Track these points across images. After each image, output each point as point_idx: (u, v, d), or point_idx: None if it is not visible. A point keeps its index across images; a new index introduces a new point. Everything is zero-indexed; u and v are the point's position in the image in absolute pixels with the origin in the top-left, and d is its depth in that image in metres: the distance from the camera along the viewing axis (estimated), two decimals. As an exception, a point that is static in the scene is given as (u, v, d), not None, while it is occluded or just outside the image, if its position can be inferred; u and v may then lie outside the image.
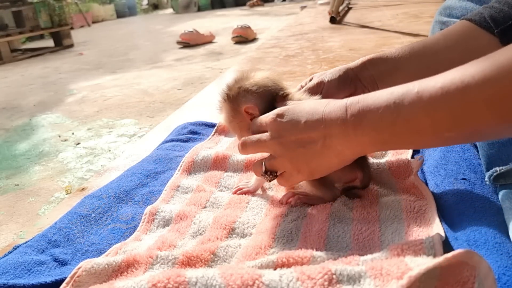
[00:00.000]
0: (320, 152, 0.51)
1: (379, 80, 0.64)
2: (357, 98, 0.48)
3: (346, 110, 0.48)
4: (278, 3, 7.89)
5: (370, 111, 0.46)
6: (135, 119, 2.00)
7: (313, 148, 0.51)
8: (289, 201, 0.63)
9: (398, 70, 0.63)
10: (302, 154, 0.53)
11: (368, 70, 0.64)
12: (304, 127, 0.51)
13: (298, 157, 0.53)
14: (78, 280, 0.47)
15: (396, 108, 0.43)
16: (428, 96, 0.41)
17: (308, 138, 0.51)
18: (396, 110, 0.43)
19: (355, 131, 0.47)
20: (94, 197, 0.71)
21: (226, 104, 0.63)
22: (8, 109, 2.50)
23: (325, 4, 4.35)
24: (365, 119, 0.46)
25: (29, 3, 4.69)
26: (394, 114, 0.44)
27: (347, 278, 0.39)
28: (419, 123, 0.43)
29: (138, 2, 10.10)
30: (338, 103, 0.50)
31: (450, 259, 0.36)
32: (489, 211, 0.55)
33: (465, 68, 0.40)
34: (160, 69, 3.09)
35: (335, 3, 3.00)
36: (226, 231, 0.58)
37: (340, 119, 0.48)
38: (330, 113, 0.49)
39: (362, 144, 0.48)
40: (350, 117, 0.47)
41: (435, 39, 0.62)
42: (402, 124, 0.44)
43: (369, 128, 0.46)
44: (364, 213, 0.57)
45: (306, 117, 0.51)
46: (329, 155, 0.51)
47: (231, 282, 0.39)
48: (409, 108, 0.42)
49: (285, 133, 0.53)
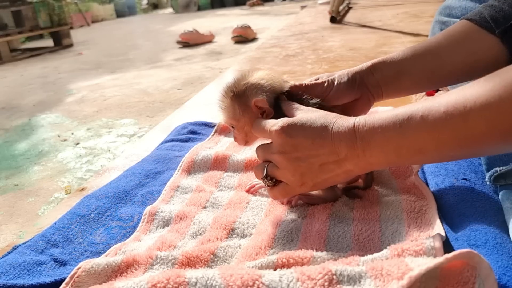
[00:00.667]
0: (327, 169, 0.52)
1: (383, 84, 0.64)
2: (363, 119, 0.49)
3: (355, 132, 0.49)
4: (278, 3, 7.89)
5: (377, 133, 0.47)
6: (134, 119, 2.00)
7: (318, 162, 0.51)
8: (289, 201, 0.63)
9: (402, 74, 0.63)
10: (308, 170, 0.52)
11: (373, 75, 0.64)
12: (312, 146, 0.51)
13: (303, 172, 0.53)
14: (78, 281, 0.47)
15: (402, 132, 0.45)
16: (432, 121, 0.43)
17: (316, 156, 0.51)
18: (402, 133, 0.45)
19: (364, 153, 0.49)
20: (93, 197, 0.71)
21: (233, 101, 0.60)
22: (8, 109, 2.50)
23: (325, 3, 4.35)
24: (372, 142, 0.48)
25: (28, 3, 4.69)
26: (399, 137, 0.46)
27: (348, 279, 0.39)
28: (424, 145, 0.45)
29: (138, 2, 10.10)
30: (345, 124, 0.50)
31: (450, 259, 0.36)
32: (490, 211, 0.55)
33: (468, 90, 0.42)
34: (159, 69, 3.09)
35: (335, 2, 3.00)
36: (226, 231, 0.58)
37: (349, 141, 0.49)
38: (339, 133, 0.49)
39: (370, 163, 0.50)
40: (359, 139, 0.48)
41: (437, 42, 0.62)
42: (407, 146, 0.46)
43: (376, 150, 0.48)
44: (364, 213, 0.57)
45: (314, 136, 0.51)
46: (336, 171, 0.52)
47: (231, 283, 0.39)
48: (414, 131, 0.45)
49: (291, 150, 0.52)
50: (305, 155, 0.51)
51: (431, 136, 0.44)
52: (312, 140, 0.51)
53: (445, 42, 0.61)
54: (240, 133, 0.62)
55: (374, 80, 0.64)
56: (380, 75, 0.64)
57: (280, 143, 0.53)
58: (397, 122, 0.46)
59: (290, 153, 0.52)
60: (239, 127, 0.62)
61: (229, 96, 0.60)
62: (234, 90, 0.60)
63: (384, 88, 0.64)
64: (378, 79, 0.64)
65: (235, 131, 0.63)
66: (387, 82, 0.64)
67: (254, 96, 0.58)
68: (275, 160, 0.55)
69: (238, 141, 0.64)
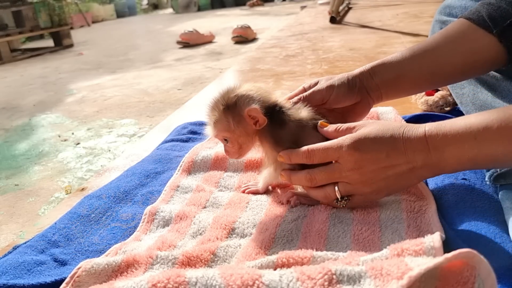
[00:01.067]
0: (402, 177, 0.52)
1: (383, 87, 0.64)
2: (434, 128, 0.49)
3: (427, 143, 0.49)
4: (278, 3, 7.89)
5: (451, 144, 0.48)
6: (135, 119, 2.00)
7: (395, 174, 0.52)
8: (289, 201, 0.63)
9: (402, 77, 0.63)
10: (384, 180, 0.53)
11: (372, 79, 0.64)
12: (386, 159, 0.51)
13: (379, 182, 0.53)
14: (78, 280, 0.47)
15: (477, 145, 0.46)
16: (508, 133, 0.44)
17: (391, 167, 0.51)
18: (477, 146, 0.46)
19: (438, 162, 0.49)
20: (94, 197, 0.71)
21: (225, 113, 0.59)
22: (8, 109, 2.50)
23: (325, 4, 4.35)
24: (447, 152, 0.48)
25: (29, 3, 4.69)
26: (475, 150, 0.46)
27: (347, 278, 0.39)
28: (501, 156, 0.46)
29: (138, 2, 10.10)
30: (415, 133, 0.50)
31: (450, 259, 0.36)
32: (490, 211, 0.55)
33: None
34: (160, 69, 3.09)
35: (335, 3, 3.00)
36: (226, 231, 0.58)
37: (423, 153, 0.49)
38: (411, 143, 0.50)
39: (444, 170, 0.51)
40: (433, 150, 0.49)
41: (435, 42, 0.62)
42: (483, 157, 0.47)
43: (451, 160, 0.49)
44: (364, 213, 0.57)
45: (387, 149, 0.51)
46: (411, 178, 0.53)
47: (231, 282, 0.39)
48: (491, 144, 0.45)
49: (365, 164, 0.52)
50: (381, 167, 0.52)
51: (508, 149, 0.44)
52: (386, 153, 0.51)
53: (443, 42, 0.61)
54: (233, 145, 0.61)
55: (373, 84, 0.64)
56: (380, 79, 0.64)
57: (354, 160, 0.52)
58: (472, 133, 0.46)
59: (365, 167, 0.52)
60: (233, 139, 0.61)
61: (220, 110, 0.60)
62: (224, 102, 0.59)
63: (383, 91, 0.64)
64: (378, 82, 0.64)
65: (229, 144, 0.62)
66: (386, 85, 0.64)
67: (246, 106, 0.58)
68: (348, 178, 0.54)
69: (230, 155, 0.63)
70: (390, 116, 0.92)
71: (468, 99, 0.70)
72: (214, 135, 0.62)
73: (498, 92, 0.64)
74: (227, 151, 0.63)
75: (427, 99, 1.00)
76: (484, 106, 0.66)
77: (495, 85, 0.65)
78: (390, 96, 0.65)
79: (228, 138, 0.61)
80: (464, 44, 0.59)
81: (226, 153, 0.64)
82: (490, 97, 0.66)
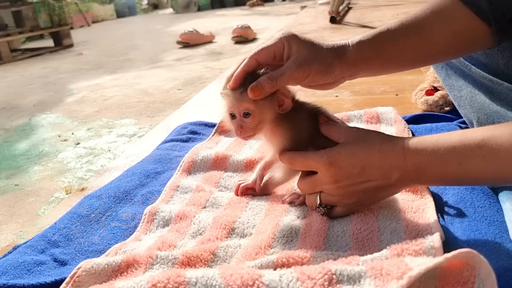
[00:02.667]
0: (381, 190, 0.53)
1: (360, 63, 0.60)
2: (414, 146, 0.49)
3: (405, 158, 0.49)
4: (278, 3, 7.90)
5: (433, 165, 0.47)
6: (135, 119, 2.00)
7: (373, 188, 0.52)
8: (292, 202, 0.63)
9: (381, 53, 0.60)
10: (363, 193, 0.54)
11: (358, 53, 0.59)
12: (363, 174, 0.51)
13: (358, 196, 0.54)
14: (78, 280, 0.47)
15: (462, 170, 0.46)
16: (493, 159, 0.43)
17: (368, 182, 0.52)
18: (462, 171, 0.46)
19: (418, 179, 0.50)
20: (94, 197, 0.71)
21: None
22: (8, 109, 2.50)
23: (325, 4, 4.35)
24: (428, 172, 0.48)
25: (29, 3, 4.69)
26: (459, 174, 0.46)
27: (347, 278, 0.39)
28: (485, 180, 0.47)
29: (138, 2, 10.10)
30: (393, 149, 0.50)
31: (450, 259, 0.36)
32: (489, 211, 0.55)
33: None
34: (160, 69, 3.09)
35: (335, 3, 3.00)
36: (226, 231, 0.58)
37: (400, 168, 0.49)
38: (388, 159, 0.50)
39: (424, 185, 0.52)
40: (411, 166, 0.49)
41: (427, 22, 0.58)
42: (467, 180, 0.48)
43: (433, 179, 0.49)
44: (363, 213, 0.57)
45: (362, 164, 0.51)
46: (391, 190, 0.54)
47: (231, 282, 0.39)
48: (475, 169, 0.45)
49: (341, 179, 0.53)
50: (357, 182, 0.52)
51: (493, 176, 0.45)
52: (360, 168, 0.51)
53: (437, 24, 0.58)
54: (253, 121, 0.57)
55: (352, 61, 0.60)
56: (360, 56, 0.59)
57: (330, 174, 0.53)
58: (455, 158, 0.45)
59: (341, 181, 0.53)
60: (256, 113, 0.57)
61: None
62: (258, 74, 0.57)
63: (361, 67, 0.60)
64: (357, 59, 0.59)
65: (248, 119, 0.57)
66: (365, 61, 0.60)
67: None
68: (327, 190, 0.55)
69: (245, 132, 0.58)
70: (390, 116, 0.92)
71: (466, 102, 0.70)
72: (237, 106, 0.57)
73: (495, 94, 0.64)
74: (240, 128, 0.58)
75: (427, 99, 1.00)
76: (482, 109, 0.66)
77: (493, 88, 0.65)
78: (366, 73, 0.63)
79: (251, 112, 0.57)
80: (459, 32, 0.57)
81: (239, 130, 0.58)
82: (487, 100, 0.65)
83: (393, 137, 0.53)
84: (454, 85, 0.74)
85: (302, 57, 0.56)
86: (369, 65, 0.60)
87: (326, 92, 1.32)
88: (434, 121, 0.91)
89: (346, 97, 1.25)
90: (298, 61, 0.56)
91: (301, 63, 0.56)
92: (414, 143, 0.49)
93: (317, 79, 0.58)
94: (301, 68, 0.56)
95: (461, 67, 0.71)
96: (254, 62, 0.58)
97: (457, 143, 0.46)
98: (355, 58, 0.59)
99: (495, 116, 0.63)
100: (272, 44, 0.58)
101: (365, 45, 0.59)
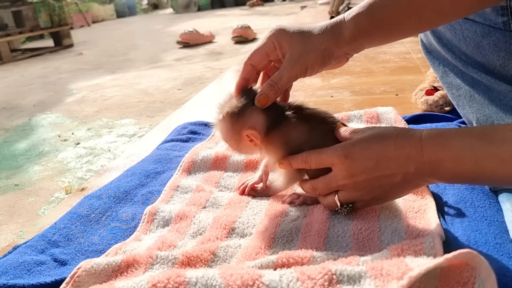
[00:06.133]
0: (396, 185, 0.52)
1: (361, 38, 0.57)
2: (432, 139, 0.47)
3: (422, 152, 0.47)
4: (278, 3, 7.90)
5: (450, 161, 0.46)
6: (135, 119, 2.00)
7: (390, 183, 0.51)
8: (292, 202, 0.63)
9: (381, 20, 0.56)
10: (379, 188, 0.52)
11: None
12: (377, 167, 0.50)
13: (375, 190, 0.53)
14: (78, 280, 0.47)
15: (478, 168, 0.44)
16: (509, 159, 0.42)
17: (382, 176, 0.51)
18: (479, 169, 0.44)
19: (433, 175, 0.48)
20: (94, 197, 0.71)
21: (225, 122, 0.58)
22: (8, 109, 2.50)
23: (325, 4, 4.35)
24: (442, 168, 0.47)
25: (29, 3, 4.69)
26: (476, 172, 0.45)
27: (347, 278, 0.39)
28: (502, 178, 0.45)
29: (138, 2, 10.10)
30: (409, 140, 0.49)
31: (450, 259, 0.36)
32: (490, 212, 0.55)
33: None
34: (160, 69, 3.09)
35: (335, 3, 3.00)
36: (226, 231, 0.58)
37: (416, 161, 0.48)
38: (404, 151, 0.49)
39: (440, 181, 0.50)
40: (427, 161, 0.47)
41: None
42: (481, 180, 0.47)
43: (448, 176, 0.48)
44: (363, 213, 0.57)
45: (376, 157, 0.50)
46: (406, 187, 0.52)
47: (231, 282, 0.39)
48: (492, 170, 0.44)
49: (356, 173, 0.52)
50: (374, 176, 0.51)
51: (510, 178, 0.44)
52: (376, 161, 0.50)
53: None
54: (232, 150, 0.62)
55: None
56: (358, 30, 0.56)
57: (345, 168, 0.52)
58: (473, 156, 0.44)
59: (356, 176, 0.52)
60: (232, 147, 0.61)
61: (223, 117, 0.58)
62: (230, 111, 0.57)
63: (362, 41, 0.57)
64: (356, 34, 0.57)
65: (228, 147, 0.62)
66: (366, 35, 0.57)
67: (247, 124, 0.57)
68: (344, 186, 0.54)
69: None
70: (390, 116, 0.92)
71: (465, 101, 0.70)
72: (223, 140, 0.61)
73: (494, 94, 0.64)
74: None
75: (427, 98, 1.00)
76: (481, 109, 0.65)
77: (492, 87, 0.65)
78: (371, 45, 0.59)
79: (232, 149, 0.61)
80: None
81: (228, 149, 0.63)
82: (486, 99, 0.65)
83: (411, 129, 0.51)
84: (452, 83, 0.73)
85: (295, 53, 0.56)
86: (371, 37, 0.57)
87: (326, 92, 1.32)
88: (434, 121, 0.91)
89: (346, 97, 1.25)
90: (293, 59, 0.56)
91: (296, 60, 0.55)
92: (432, 135, 0.48)
93: (317, 69, 0.57)
94: (297, 66, 0.55)
95: (458, 66, 0.71)
96: (250, 67, 0.59)
97: (475, 134, 0.45)
98: (353, 34, 0.56)
99: (494, 118, 0.62)
100: (262, 46, 0.58)
101: (363, 17, 0.56)
